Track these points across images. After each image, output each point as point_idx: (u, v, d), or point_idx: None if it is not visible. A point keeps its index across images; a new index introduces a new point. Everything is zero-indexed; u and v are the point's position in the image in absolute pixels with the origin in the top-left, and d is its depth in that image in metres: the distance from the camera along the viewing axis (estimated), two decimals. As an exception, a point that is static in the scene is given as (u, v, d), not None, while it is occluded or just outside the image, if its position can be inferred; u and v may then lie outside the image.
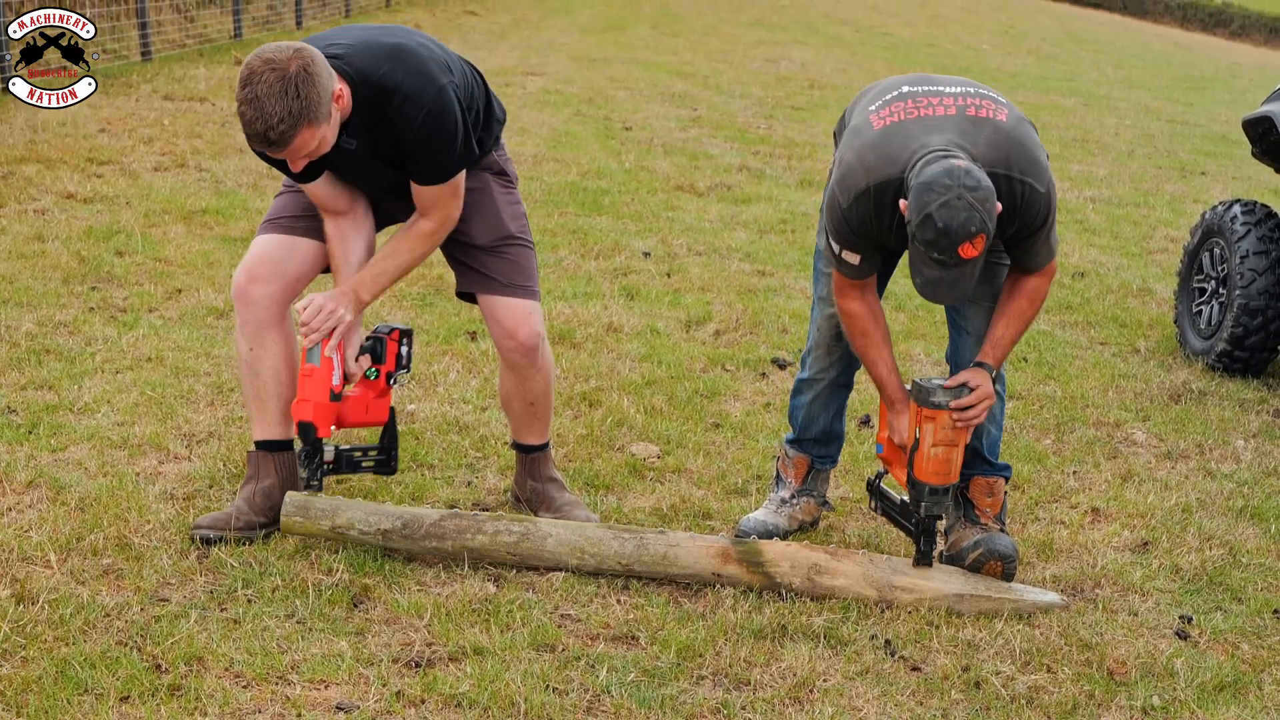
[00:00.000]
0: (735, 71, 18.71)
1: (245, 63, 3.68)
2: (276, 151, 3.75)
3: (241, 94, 3.65)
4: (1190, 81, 27.45)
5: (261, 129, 3.65)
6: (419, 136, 3.92)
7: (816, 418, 4.59)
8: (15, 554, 3.96)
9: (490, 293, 4.32)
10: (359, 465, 4.30)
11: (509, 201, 4.36)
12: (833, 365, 4.52)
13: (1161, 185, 12.70)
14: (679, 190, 10.29)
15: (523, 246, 4.38)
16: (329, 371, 4.03)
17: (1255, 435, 5.87)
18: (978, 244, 3.68)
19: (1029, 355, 6.74)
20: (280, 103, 3.60)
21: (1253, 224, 6.78)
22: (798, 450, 4.64)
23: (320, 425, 4.05)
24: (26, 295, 6.47)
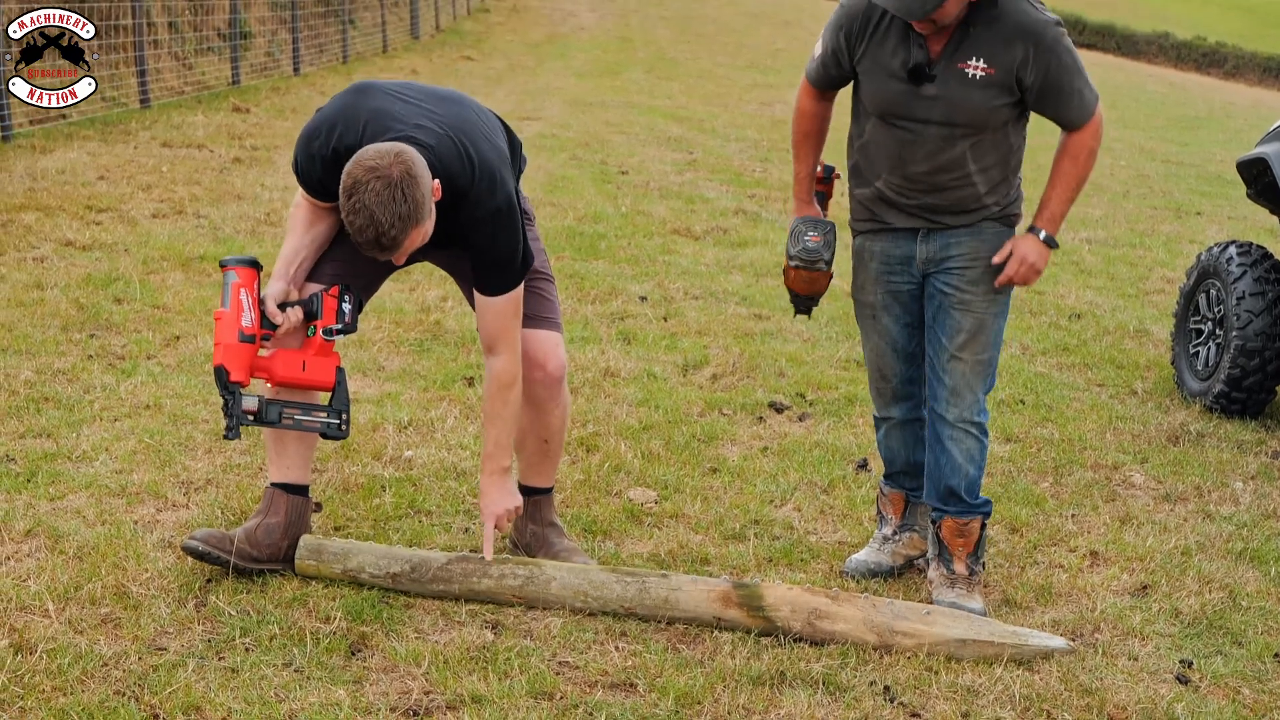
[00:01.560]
0: (730, 115, 18.78)
1: (347, 171, 3.70)
2: (387, 255, 3.79)
3: (349, 204, 3.67)
4: (1185, 122, 27.56)
5: (374, 236, 3.69)
6: (485, 238, 3.99)
7: (897, 452, 4.63)
8: (14, 603, 3.95)
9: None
10: (296, 422, 4.15)
11: (531, 238, 4.36)
12: (887, 406, 4.58)
13: (1157, 226, 12.73)
14: (675, 234, 10.32)
15: (546, 280, 4.44)
16: (238, 314, 3.95)
17: (1254, 477, 5.87)
18: None
19: (1026, 398, 6.75)
20: (389, 209, 3.65)
21: (1249, 265, 6.79)
22: (892, 486, 4.69)
23: (232, 368, 3.95)
24: (25, 343, 6.47)
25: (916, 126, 4.13)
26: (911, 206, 4.26)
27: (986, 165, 4.18)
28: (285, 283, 4.09)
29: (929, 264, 4.31)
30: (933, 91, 4.07)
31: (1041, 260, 4.25)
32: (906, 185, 4.22)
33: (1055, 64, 4.04)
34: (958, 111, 4.08)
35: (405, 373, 6.49)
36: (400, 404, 6.00)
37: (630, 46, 29.64)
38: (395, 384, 6.31)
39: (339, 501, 4.91)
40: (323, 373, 4.13)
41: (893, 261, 4.36)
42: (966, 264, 4.27)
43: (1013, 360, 7.44)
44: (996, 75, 4.03)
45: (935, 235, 4.28)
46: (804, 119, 4.47)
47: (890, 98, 4.14)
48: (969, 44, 4.03)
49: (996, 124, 4.13)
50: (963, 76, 4.04)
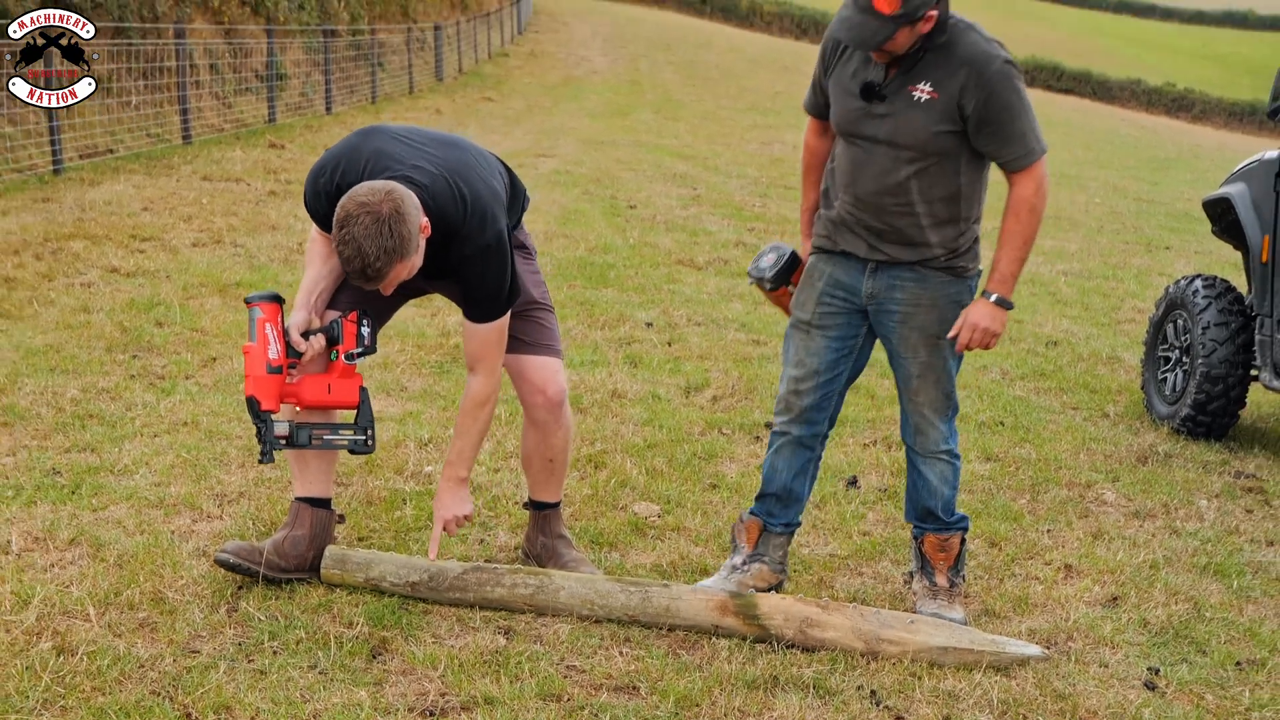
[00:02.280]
0: (732, 153, 18.81)
1: (341, 205, 3.70)
2: (373, 285, 3.79)
3: (340, 235, 3.68)
4: (1155, 162, 27.59)
5: (360, 266, 3.69)
6: (474, 273, 3.98)
7: (780, 471, 4.48)
8: (57, 608, 3.94)
9: (518, 352, 4.34)
10: (326, 442, 4.15)
11: (530, 271, 4.39)
12: (790, 421, 4.43)
13: (1129, 259, 12.74)
14: (679, 264, 10.32)
15: (546, 310, 4.42)
16: (264, 346, 3.95)
17: (1218, 495, 5.85)
18: (893, 2, 3.78)
19: (1005, 420, 6.74)
20: (375, 243, 3.65)
21: (1213, 297, 6.79)
22: (753, 513, 4.54)
23: (262, 398, 3.95)
24: (72, 363, 6.48)
25: (866, 144, 4.08)
26: (859, 229, 4.17)
27: (930, 198, 4.08)
28: (307, 312, 4.09)
29: (872, 299, 4.23)
30: (883, 110, 4.03)
31: (995, 323, 4.11)
32: (856, 206, 4.15)
33: (996, 96, 3.95)
34: (902, 132, 4.02)
35: (426, 393, 6.49)
36: (421, 422, 6.00)
37: (639, 89, 29.71)
38: (417, 403, 6.31)
39: (363, 514, 4.90)
40: (347, 393, 4.12)
41: (838, 286, 4.27)
42: (909, 309, 4.18)
43: (993, 384, 7.43)
44: (940, 100, 3.97)
45: (882, 272, 4.19)
46: (805, 153, 4.47)
47: (847, 114, 4.11)
48: (920, 69, 3.99)
49: (940, 151, 4.03)
50: (910, 99, 4.00)
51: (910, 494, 4.45)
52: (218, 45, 17.77)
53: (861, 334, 4.34)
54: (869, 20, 3.83)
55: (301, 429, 4.08)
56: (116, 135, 14.20)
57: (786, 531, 4.52)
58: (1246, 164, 7.00)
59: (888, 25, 3.82)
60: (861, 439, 6.22)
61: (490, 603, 4.15)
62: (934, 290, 4.17)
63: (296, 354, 4.01)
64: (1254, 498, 5.86)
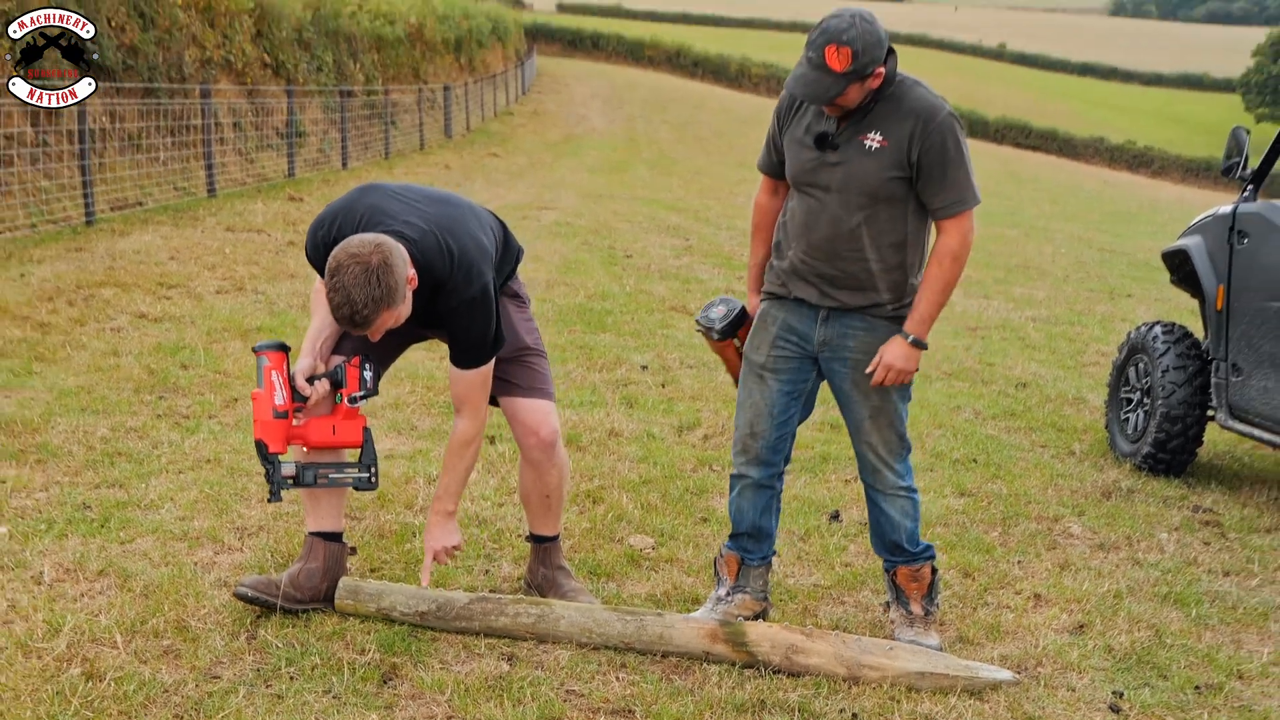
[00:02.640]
0: (722, 206, 18.87)
1: (333, 256, 3.71)
2: (360, 331, 3.80)
3: (330, 284, 3.69)
4: (1117, 215, 27.69)
5: (349, 313, 3.70)
6: (460, 322, 4.00)
7: (745, 513, 4.46)
8: (86, 635, 3.93)
9: (512, 395, 4.35)
10: (331, 480, 4.14)
11: (523, 319, 4.40)
12: (748, 464, 4.40)
13: (1093, 306, 12.76)
14: (673, 310, 10.34)
15: (538, 355, 4.42)
16: (271, 393, 3.96)
17: (1177, 528, 5.84)
18: (843, 56, 3.82)
19: (978, 457, 6.74)
20: (364, 291, 3.65)
21: (1172, 342, 6.81)
22: (731, 548, 4.53)
23: (270, 442, 3.96)
24: (102, 404, 6.48)
25: (820, 193, 4.09)
26: (813, 277, 4.17)
27: (881, 244, 4.09)
28: (312, 358, 4.09)
29: (824, 346, 4.22)
30: (836, 159, 4.04)
31: (909, 362, 4.10)
32: (810, 253, 4.15)
33: (939, 144, 3.98)
34: (854, 178, 4.03)
35: (435, 431, 6.49)
36: (430, 459, 5.99)
37: (636, 147, 29.85)
38: (426, 441, 6.31)
39: (374, 546, 4.90)
40: (351, 434, 4.12)
41: (791, 332, 4.26)
42: (860, 356, 4.18)
43: (966, 424, 7.43)
44: (889, 147, 3.99)
45: (834, 319, 4.19)
46: (757, 211, 4.47)
47: (802, 165, 4.12)
48: (870, 120, 4.02)
49: (890, 198, 4.04)
50: (861, 147, 4.02)
51: (875, 530, 4.44)
52: (241, 104, 17.85)
53: (811, 379, 4.35)
54: (823, 77, 3.86)
55: (307, 469, 4.08)
56: (145, 189, 14.24)
57: (764, 563, 4.51)
58: (1202, 218, 7.04)
59: (840, 81, 3.86)
60: (843, 475, 6.22)
61: (494, 631, 4.14)
62: (883, 337, 4.17)
63: (302, 398, 4.01)
64: (1211, 531, 5.86)
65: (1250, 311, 6.32)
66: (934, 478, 6.27)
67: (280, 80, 19.43)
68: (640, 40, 72.64)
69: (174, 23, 15.60)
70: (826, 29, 3.85)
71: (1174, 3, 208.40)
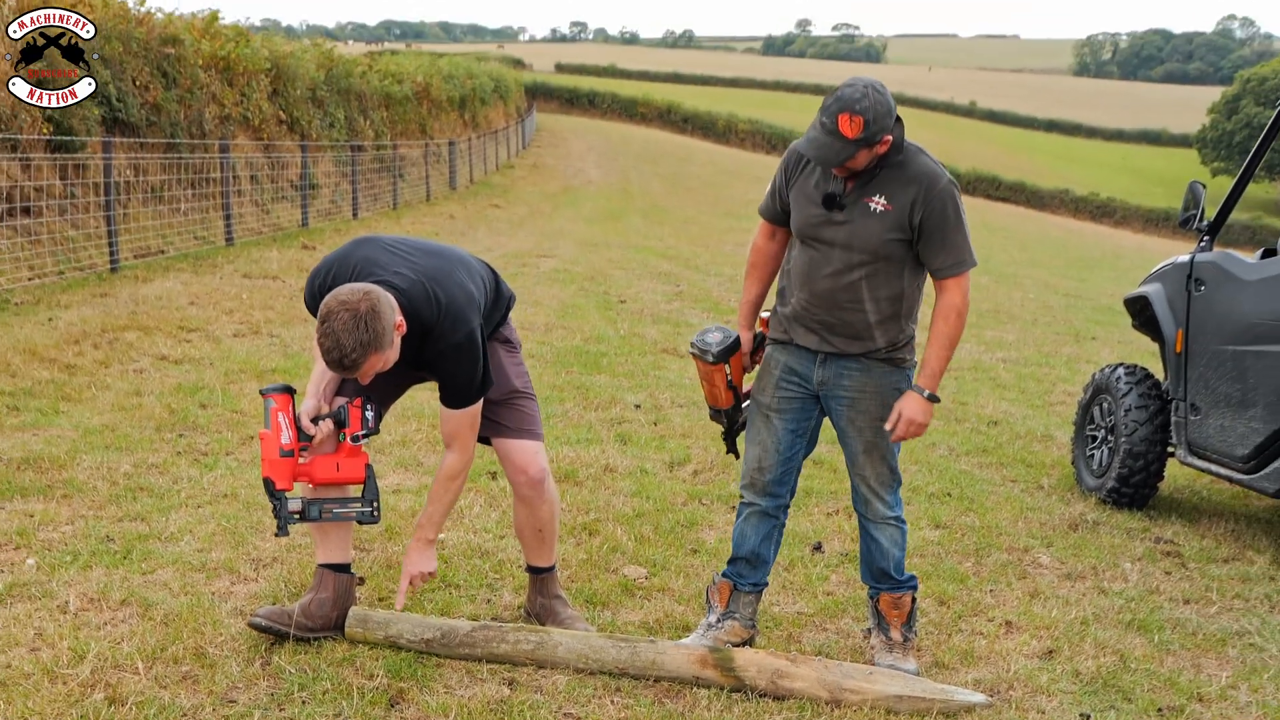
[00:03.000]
0: (710, 254, 18.91)
1: (324, 303, 3.74)
2: (350, 374, 3.81)
3: (321, 329, 3.71)
4: (1082, 262, 27.77)
5: (338, 357, 3.71)
6: (448, 366, 4.02)
7: (748, 536, 4.47)
8: (109, 662, 3.92)
9: (503, 436, 4.36)
10: (335, 515, 4.15)
11: (514, 363, 4.41)
12: (756, 495, 4.43)
13: (1060, 348, 12.78)
14: (664, 353, 10.34)
15: (528, 398, 4.42)
16: (277, 434, 3.96)
17: (1140, 559, 5.84)
18: (855, 124, 3.86)
19: (952, 491, 6.74)
20: (352, 336, 3.67)
21: (1134, 383, 6.83)
22: (725, 575, 4.53)
23: (276, 479, 3.97)
24: (125, 441, 6.48)
25: (824, 247, 4.12)
26: (813, 323, 4.20)
27: (878, 297, 4.13)
28: (317, 400, 4.10)
29: (823, 385, 4.26)
30: (841, 218, 4.08)
31: (925, 415, 4.16)
32: (812, 301, 4.18)
33: (940, 210, 4.04)
34: (858, 237, 4.06)
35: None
36: (435, 494, 5.98)
37: (629, 197, 29.93)
38: (431, 477, 6.30)
39: (383, 576, 4.88)
40: (354, 471, 4.13)
41: (793, 374, 4.30)
42: (855, 395, 4.22)
43: (941, 460, 7.44)
44: (894, 211, 4.04)
45: (831, 362, 4.23)
46: (754, 252, 4.47)
47: (808, 220, 4.15)
48: (875, 184, 4.06)
49: (889, 257, 4.09)
50: (866, 209, 4.06)
51: (864, 557, 4.45)
52: (258, 158, 17.90)
53: (814, 416, 4.37)
54: (835, 142, 3.90)
55: (313, 504, 4.09)
56: (167, 238, 14.26)
57: (755, 591, 4.51)
58: (1161, 266, 7.07)
59: (850, 147, 3.90)
60: (825, 509, 6.22)
61: (496, 657, 4.13)
62: (878, 379, 4.21)
63: (308, 437, 4.02)
64: (1172, 561, 5.86)
65: (1207, 354, 6.34)
66: (911, 511, 6.27)
67: (295, 136, 19.50)
68: (634, 98, 72.98)
69: (195, 82, 15.67)
70: (841, 97, 3.89)
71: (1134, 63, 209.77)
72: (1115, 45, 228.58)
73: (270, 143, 18.42)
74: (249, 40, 18.13)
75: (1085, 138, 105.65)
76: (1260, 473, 5.91)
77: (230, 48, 17.05)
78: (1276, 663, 4.63)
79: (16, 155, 11.54)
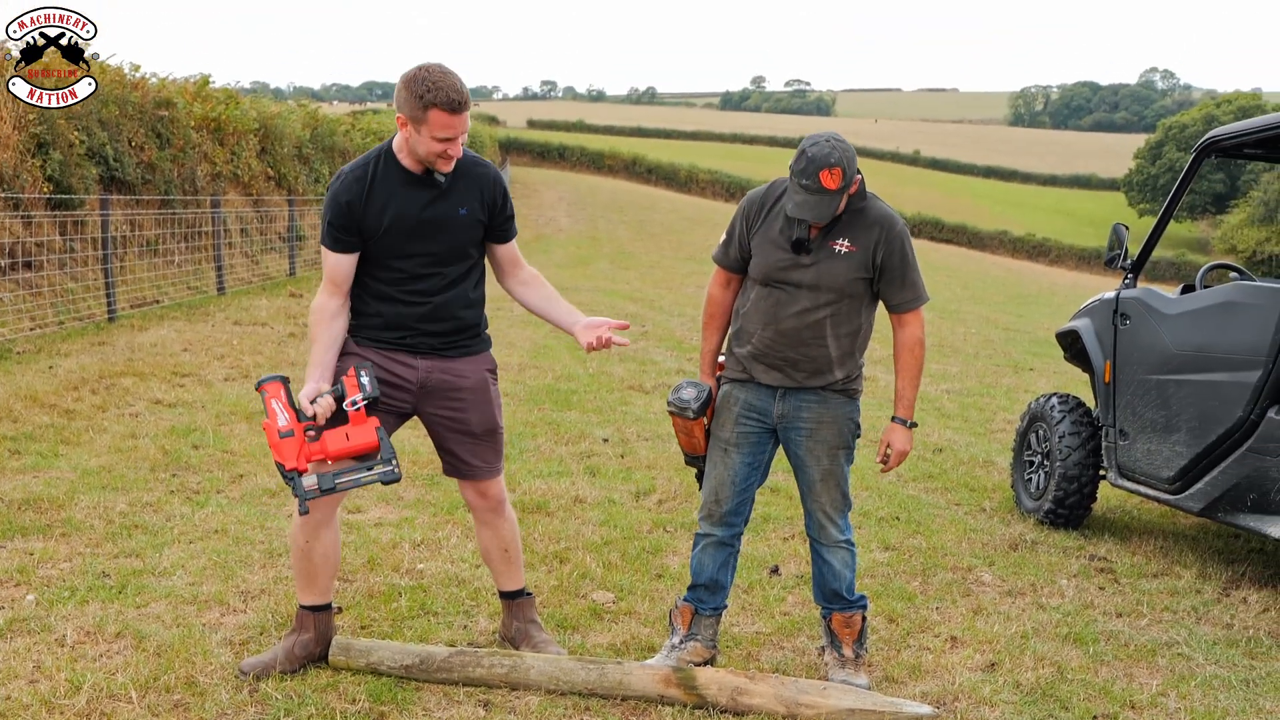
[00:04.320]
0: (674, 296, 18.95)
1: (410, 73, 3.81)
2: (461, 113, 3.82)
3: (424, 84, 3.76)
4: (1020, 298, 27.96)
5: (453, 87, 3.78)
6: (505, 194, 4.16)
7: (706, 566, 4.45)
8: (104, 692, 3.87)
9: (476, 479, 4.31)
10: (355, 481, 3.92)
11: (496, 394, 4.34)
12: (713, 526, 4.40)
13: (1000, 379, 12.85)
14: (631, 390, 10.35)
15: (501, 432, 4.35)
16: (274, 418, 3.89)
17: (1076, 575, 5.86)
18: (835, 176, 3.90)
19: (900, 515, 6.75)
20: (453, 76, 3.81)
21: (1067, 411, 6.87)
22: (686, 600, 4.51)
23: (284, 460, 3.86)
24: (121, 481, 6.42)
25: (790, 289, 4.14)
26: (776, 360, 4.20)
27: (840, 333, 4.16)
28: (315, 382, 3.99)
29: (782, 419, 4.26)
30: (808, 261, 4.10)
31: (909, 444, 4.28)
32: (776, 339, 4.18)
33: (899, 250, 4.11)
34: (825, 278, 4.09)
35: (419, 501, 6.45)
36: (415, 526, 5.96)
37: (598, 244, 29.97)
38: (411, 510, 6.27)
39: (364, 605, 4.85)
40: (365, 436, 3.95)
41: (752, 410, 4.29)
42: (813, 425, 4.22)
43: (890, 486, 7.46)
44: (858, 252, 4.08)
45: (790, 396, 4.24)
46: (710, 303, 4.44)
47: (775, 264, 4.15)
48: (839, 228, 4.10)
49: (853, 295, 4.13)
50: (832, 251, 4.09)
51: (817, 579, 4.45)
52: (247, 213, 17.85)
53: (769, 449, 4.38)
54: (822, 199, 3.94)
55: (326, 477, 3.91)
56: (162, 288, 14.19)
57: (715, 614, 4.50)
58: (1090, 302, 7.13)
59: (836, 198, 3.95)
60: (782, 533, 6.22)
61: (472, 680, 4.09)
62: (834, 409, 4.23)
63: (309, 417, 3.92)
64: (1105, 577, 5.88)
65: (1133, 384, 6.40)
66: (861, 534, 6.28)
67: (282, 191, 19.46)
68: (601, 151, 73.25)
69: (188, 142, 15.63)
70: (814, 158, 3.91)
71: (1065, 113, 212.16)
72: (1047, 97, 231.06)
73: (259, 198, 18.37)
74: (239, 102, 18.12)
75: (1021, 183, 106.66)
76: (1185, 493, 5.95)
77: (221, 109, 17.03)
78: (1203, 671, 4.65)
79: (19, 213, 11.48)
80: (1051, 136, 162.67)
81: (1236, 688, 4.49)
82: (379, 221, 3.97)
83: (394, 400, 4.11)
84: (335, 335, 4.08)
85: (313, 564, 4.15)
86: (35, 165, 11.61)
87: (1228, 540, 6.73)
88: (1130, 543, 6.53)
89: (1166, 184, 76.35)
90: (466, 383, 4.18)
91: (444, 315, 4.12)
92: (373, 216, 3.97)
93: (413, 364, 4.12)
